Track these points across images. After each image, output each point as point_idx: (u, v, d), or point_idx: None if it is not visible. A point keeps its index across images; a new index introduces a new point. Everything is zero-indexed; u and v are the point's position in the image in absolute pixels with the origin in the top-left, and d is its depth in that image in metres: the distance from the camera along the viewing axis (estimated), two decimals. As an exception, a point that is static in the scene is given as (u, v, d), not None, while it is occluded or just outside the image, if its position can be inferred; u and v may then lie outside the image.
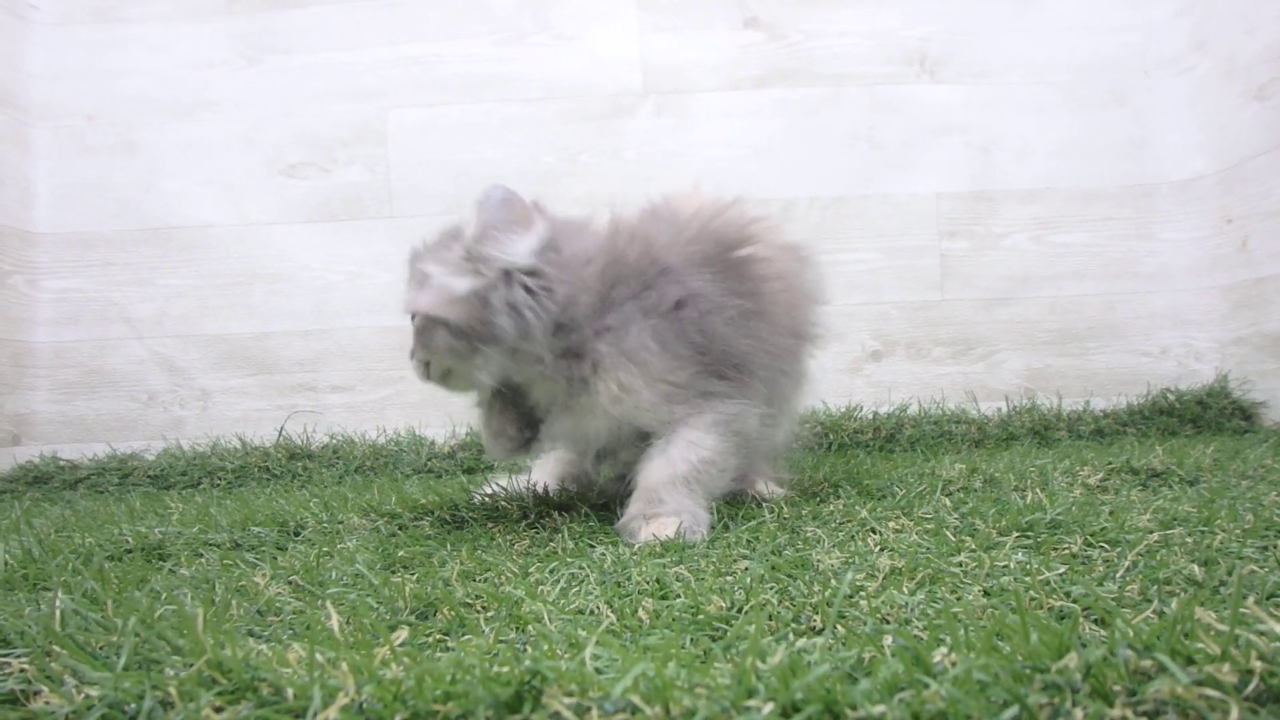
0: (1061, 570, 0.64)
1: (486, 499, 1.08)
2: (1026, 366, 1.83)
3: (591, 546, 0.81)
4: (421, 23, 1.76)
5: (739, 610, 0.59)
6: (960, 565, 0.67)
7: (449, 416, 1.73)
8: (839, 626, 0.53)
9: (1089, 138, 1.80)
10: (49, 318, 1.77)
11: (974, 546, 0.73)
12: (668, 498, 0.88)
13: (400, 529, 0.94)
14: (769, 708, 0.36)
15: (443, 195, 1.76)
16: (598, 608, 0.60)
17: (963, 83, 1.79)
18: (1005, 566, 0.67)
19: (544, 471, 1.15)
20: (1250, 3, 1.68)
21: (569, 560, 0.74)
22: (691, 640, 0.52)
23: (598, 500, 1.07)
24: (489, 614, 0.60)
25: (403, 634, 0.52)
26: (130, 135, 1.75)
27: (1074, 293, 1.82)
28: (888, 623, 0.54)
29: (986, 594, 0.60)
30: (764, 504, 1.03)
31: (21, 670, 0.49)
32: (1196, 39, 1.77)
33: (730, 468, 0.93)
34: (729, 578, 0.66)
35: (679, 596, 0.61)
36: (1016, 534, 0.76)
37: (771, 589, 0.62)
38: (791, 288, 1.00)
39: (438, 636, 0.56)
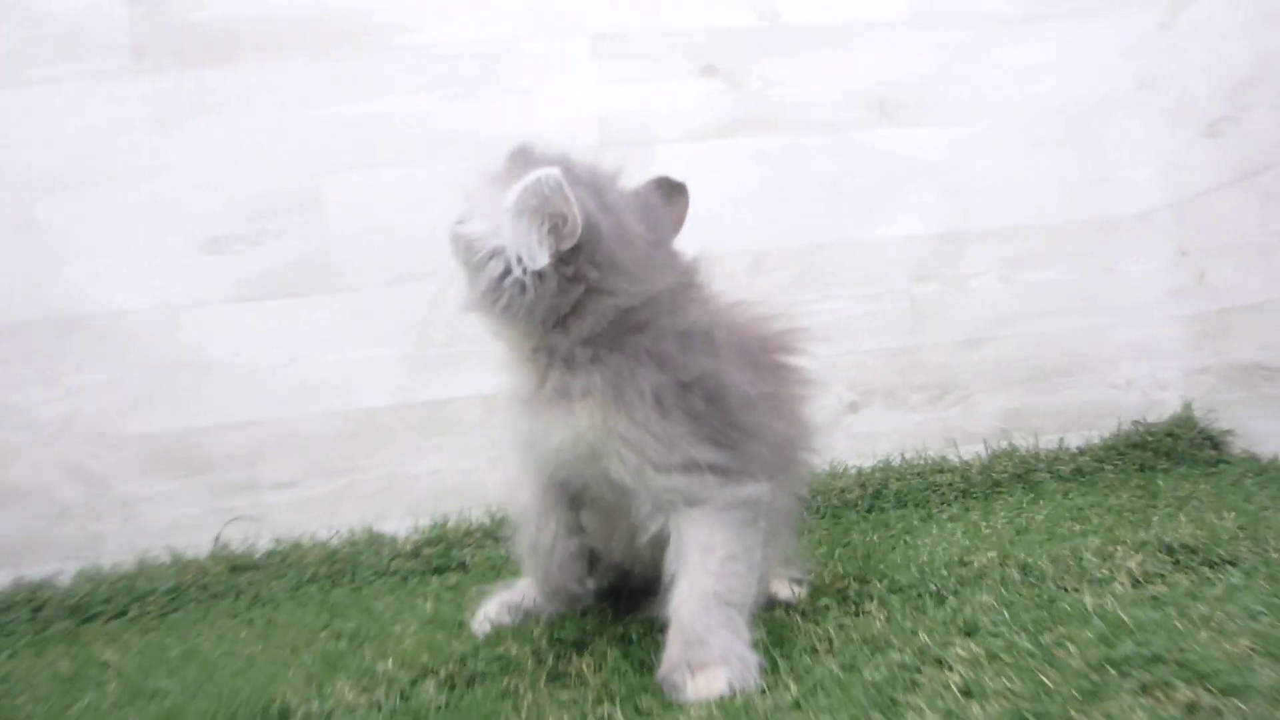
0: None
1: (488, 630, 0.97)
2: (1002, 407, 1.81)
3: (638, 715, 0.70)
4: (359, 79, 1.61)
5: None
6: (1073, 725, 0.60)
7: (409, 507, 1.58)
8: None
9: (1050, 176, 1.80)
10: (-68, 427, 1.52)
11: (1073, 690, 0.66)
12: (710, 638, 0.79)
13: (402, 698, 0.81)
14: None
15: (393, 263, 1.61)
16: None
17: (925, 125, 1.77)
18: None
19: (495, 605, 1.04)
20: (1197, 45, 1.73)
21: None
22: None
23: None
24: None
25: None
26: (28, 212, 1.53)
27: (1042, 330, 1.82)
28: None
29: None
30: (791, 610, 0.97)
31: None
32: (1145, 79, 1.81)
33: (757, 563, 0.86)
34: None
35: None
36: (1111, 669, 0.69)
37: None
38: (802, 409, 0.98)
39: None
